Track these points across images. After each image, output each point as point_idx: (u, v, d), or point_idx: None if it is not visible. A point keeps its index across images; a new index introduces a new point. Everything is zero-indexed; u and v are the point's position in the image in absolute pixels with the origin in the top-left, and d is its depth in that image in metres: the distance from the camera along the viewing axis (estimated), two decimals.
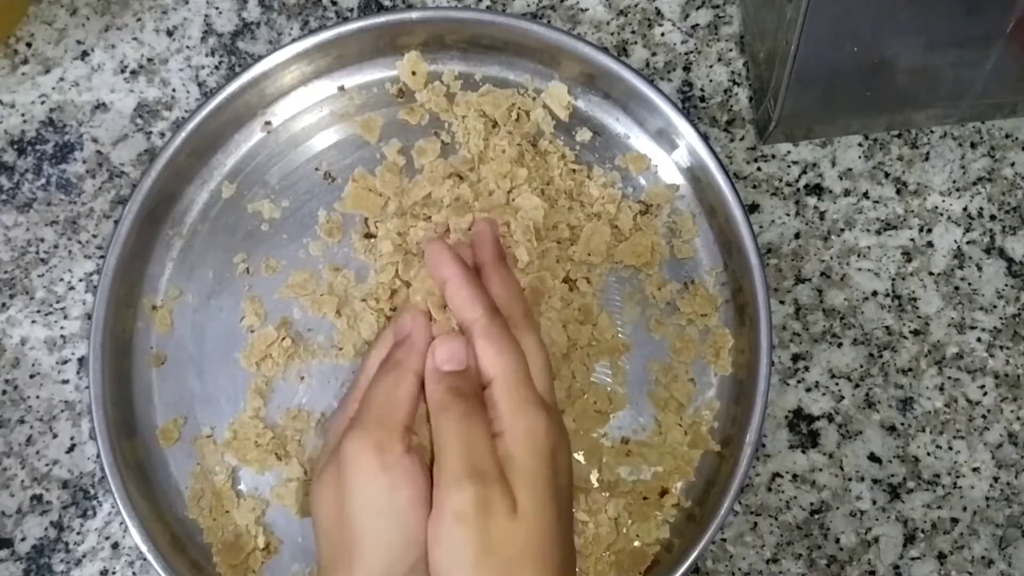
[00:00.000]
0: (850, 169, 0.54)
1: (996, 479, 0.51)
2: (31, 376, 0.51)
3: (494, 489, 0.37)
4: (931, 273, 0.53)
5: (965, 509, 0.51)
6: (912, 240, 0.53)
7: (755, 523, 0.51)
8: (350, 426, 0.40)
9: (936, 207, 0.53)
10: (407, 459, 0.38)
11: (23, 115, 0.53)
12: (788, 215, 0.53)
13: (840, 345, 0.52)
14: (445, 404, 0.39)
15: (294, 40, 0.50)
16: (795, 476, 0.51)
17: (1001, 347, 0.52)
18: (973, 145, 0.54)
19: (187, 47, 0.54)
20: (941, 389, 0.52)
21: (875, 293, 0.53)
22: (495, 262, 0.44)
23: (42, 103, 0.54)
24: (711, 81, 0.54)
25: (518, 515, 0.37)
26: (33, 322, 0.52)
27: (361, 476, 0.38)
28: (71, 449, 0.51)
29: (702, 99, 0.54)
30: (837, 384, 0.52)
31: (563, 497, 0.39)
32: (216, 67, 0.54)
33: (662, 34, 0.55)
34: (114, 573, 0.50)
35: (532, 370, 0.41)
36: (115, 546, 0.50)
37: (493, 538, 0.36)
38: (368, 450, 0.38)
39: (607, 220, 0.51)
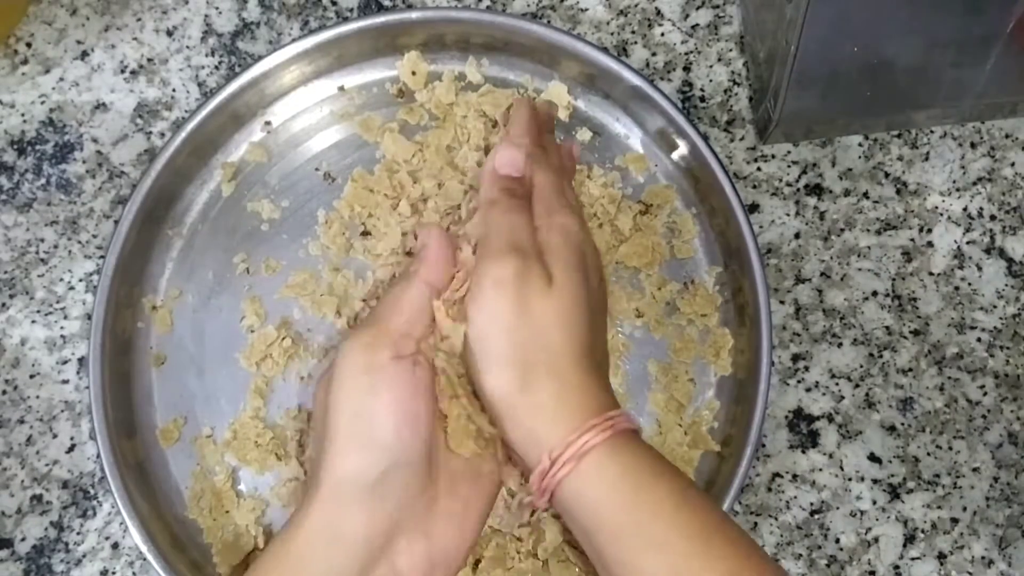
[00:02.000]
0: (850, 169, 0.54)
1: (996, 479, 0.51)
2: (31, 376, 0.51)
3: (533, 264, 0.39)
4: (931, 273, 0.53)
5: (965, 509, 0.51)
6: (912, 240, 0.53)
7: (755, 523, 0.51)
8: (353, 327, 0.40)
9: (936, 207, 0.53)
10: (396, 365, 0.38)
11: (23, 115, 0.53)
12: (788, 215, 0.53)
13: (840, 345, 0.52)
14: (496, 200, 0.41)
15: (294, 40, 0.50)
16: (795, 476, 0.51)
17: (1001, 347, 0.52)
18: (973, 145, 0.54)
19: (187, 47, 0.54)
20: (941, 389, 0.52)
21: (875, 293, 0.53)
22: (546, 135, 0.48)
23: (42, 103, 0.54)
24: (711, 81, 0.54)
25: (552, 287, 0.39)
26: (33, 322, 0.52)
27: (345, 374, 0.38)
28: (71, 449, 0.51)
29: (702, 99, 0.54)
30: (837, 384, 0.52)
31: (592, 289, 0.41)
32: (216, 67, 0.54)
33: (662, 34, 0.55)
34: (114, 573, 0.50)
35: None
36: (115, 546, 0.50)
37: (529, 304, 0.38)
38: (357, 350, 0.38)
39: (607, 220, 0.51)
